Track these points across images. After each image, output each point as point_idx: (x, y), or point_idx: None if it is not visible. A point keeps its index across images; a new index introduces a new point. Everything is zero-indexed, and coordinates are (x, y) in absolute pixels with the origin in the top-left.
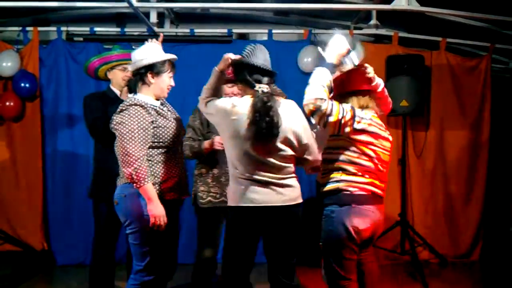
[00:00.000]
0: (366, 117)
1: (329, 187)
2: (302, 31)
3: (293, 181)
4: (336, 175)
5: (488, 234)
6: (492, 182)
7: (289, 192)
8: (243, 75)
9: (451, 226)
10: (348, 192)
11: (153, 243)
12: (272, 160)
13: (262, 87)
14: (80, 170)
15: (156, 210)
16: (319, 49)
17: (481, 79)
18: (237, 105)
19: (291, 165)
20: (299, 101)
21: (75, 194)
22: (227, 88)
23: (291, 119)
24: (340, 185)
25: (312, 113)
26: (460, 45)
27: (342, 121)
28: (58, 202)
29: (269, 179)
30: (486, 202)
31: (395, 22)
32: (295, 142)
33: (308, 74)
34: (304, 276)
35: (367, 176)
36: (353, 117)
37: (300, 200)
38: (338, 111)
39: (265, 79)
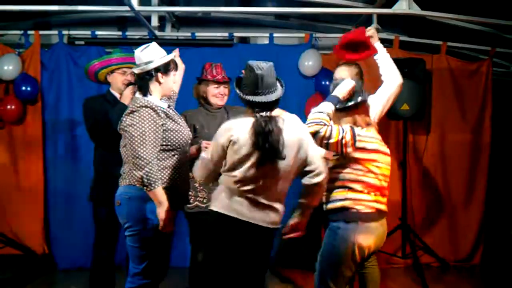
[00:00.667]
0: (368, 135)
1: (334, 205)
2: (303, 34)
3: (280, 206)
4: (342, 193)
5: (489, 238)
6: (493, 186)
7: (274, 216)
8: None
9: (452, 230)
10: (354, 210)
11: (152, 247)
12: (272, 181)
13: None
14: (80, 173)
15: (165, 214)
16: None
17: (482, 83)
18: (239, 124)
19: (287, 187)
20: (300, 104)
21: (76, 197)
22: (214, 88)
23: (295, 136)
24: (346, 203)
25: (312, 136)
26: (461, 49)
27: (343, 141)
28: (59, 205)
29: (263, 201)
30: (487, 205)
31: (396, 26)
32: (299, 157)
33: (309, 78)
34: (304, 280)
35: (372, 193)
36: (353, 136)
37: (279, 226)
38: (337, 132)
39: (264, 113)
